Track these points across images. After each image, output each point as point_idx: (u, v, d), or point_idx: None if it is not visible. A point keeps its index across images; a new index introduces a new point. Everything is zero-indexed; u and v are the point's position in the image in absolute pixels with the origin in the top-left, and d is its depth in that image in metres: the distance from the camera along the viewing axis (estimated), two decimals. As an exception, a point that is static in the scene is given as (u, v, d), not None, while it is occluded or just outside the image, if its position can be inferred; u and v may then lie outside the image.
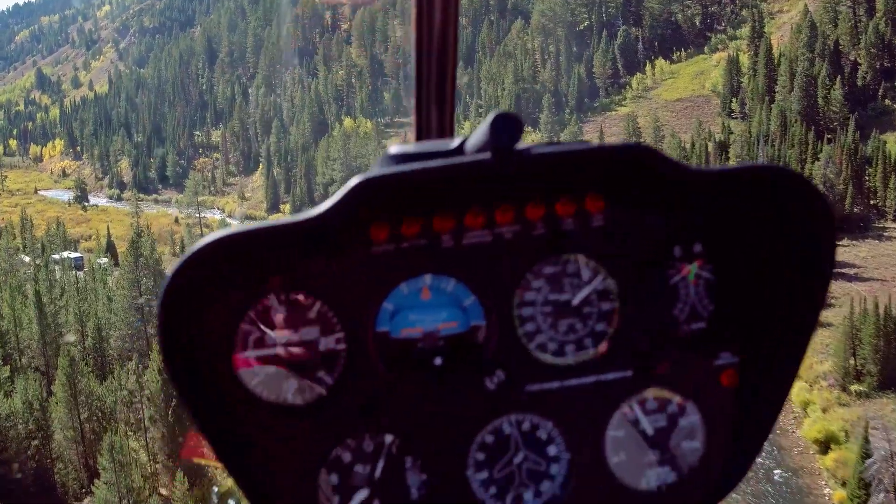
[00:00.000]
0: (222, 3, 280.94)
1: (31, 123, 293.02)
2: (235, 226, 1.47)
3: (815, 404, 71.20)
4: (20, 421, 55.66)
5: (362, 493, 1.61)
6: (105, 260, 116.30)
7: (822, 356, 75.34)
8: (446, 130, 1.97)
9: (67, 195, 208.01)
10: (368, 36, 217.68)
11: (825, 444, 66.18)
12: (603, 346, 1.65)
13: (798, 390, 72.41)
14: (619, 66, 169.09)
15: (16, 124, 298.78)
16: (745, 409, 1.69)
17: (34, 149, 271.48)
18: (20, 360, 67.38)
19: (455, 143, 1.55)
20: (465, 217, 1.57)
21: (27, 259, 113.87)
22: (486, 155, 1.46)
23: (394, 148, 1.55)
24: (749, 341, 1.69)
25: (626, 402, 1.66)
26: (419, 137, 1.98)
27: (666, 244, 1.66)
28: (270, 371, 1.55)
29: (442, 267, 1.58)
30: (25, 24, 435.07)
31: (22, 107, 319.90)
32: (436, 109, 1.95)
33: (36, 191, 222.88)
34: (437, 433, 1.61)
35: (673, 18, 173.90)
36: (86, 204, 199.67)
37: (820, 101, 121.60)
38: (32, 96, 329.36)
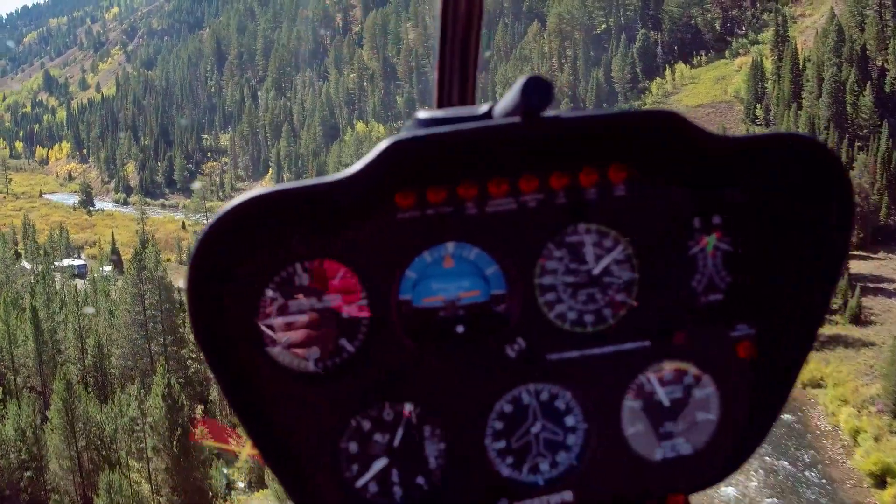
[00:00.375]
0: (231, 5, 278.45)
1: (37, 125, 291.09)
2: (267, 186, 1.48)
3: (865, 432, 66.30)
4: (12, 449, 51.43)
5: (381, 462, 1.62)
6: (109, 268, 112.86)
7: (867, 378, 70.91)
8: (467, 102, 1.96)
9: (73, 199, 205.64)
10: (381, 38, 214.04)
11: (881, 478, 61.38)
12: (621, 316, 1.67)
13: (846, 416, 67.96)
14: (638, 70, 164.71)
15: (22, 126, 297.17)
16: (761, 381, 1.72)
17: (40, 151, 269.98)
18: (14, 380, 63.24)
19: (484, 108, 1.55)
20: (489, 185, 1.58)
21: (28, 266, 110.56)
22: (516, 119, 1.48)
23: (422, 113, 1.55)
24: (766, 313, 1.71)
25: (643, 373, 1.69)
26: (440, 107, 1.96)
27: (685, 216, 1.68)
28: (293, 338, 1.56)
29: (465, 234, 1.60)
30: (34, 25, 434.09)
31: (29, 108, 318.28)
32: (458, 81, 1.93)
33: (41, 194, 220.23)
34: (456, 401, 1.63)
35: (692, 22, 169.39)
36: (91, 208, 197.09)
37: (849, 107, 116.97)
38: (39, 98, 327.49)
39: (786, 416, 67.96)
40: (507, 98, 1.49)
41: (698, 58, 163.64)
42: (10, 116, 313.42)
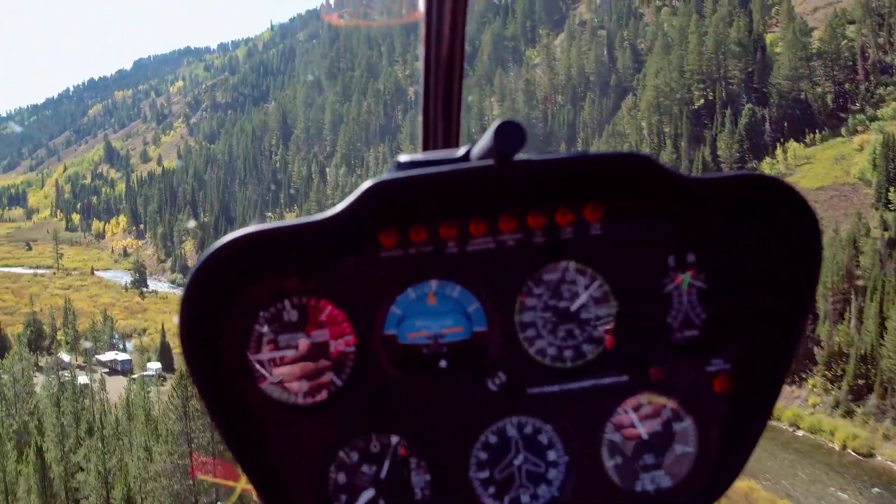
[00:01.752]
0: (298, 78, 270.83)
1: (95, 198, 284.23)
2: (253, 225, 1.54)
3: None
4: None
5: (368, 493, 1.66)
6: (156, 366, 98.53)
7: None
8: (452, 144, 2.04)
9: (125, 278, 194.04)
10: (464, 114, 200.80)
11: None
12: (599, 351, 1.73)
13: None
14: (745, 148, 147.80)
15: (80, 198, 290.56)
16: (737, 414, 1.76)
17: (97, 224, 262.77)
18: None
19: (461, 151, 1.65)
20: (469, 224, 1.65)
21: (67, 358, 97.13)
22: (490, 161, 1.54)
23: (403, 156, 1.63)
24: (740, 348, 1.76)
25: (622, 407, 1.73)
26: (426, 150, 2.05)
27: (660, 254, 1.74)
28: (282, 372, 1.61)
29: (447, 273, 1.66)
30: (99, 98, 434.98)
31: (88, 180, 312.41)
32: (442, 124, 2.01)
33: (93, 271, 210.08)
34: (441, 433, 1.68)
35: (802, 97, 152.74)
36: (144, 290, 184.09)
37: None
38: (100, 170, 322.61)
39: None
40: (483, 141, 1.55)
41: (811, 135, 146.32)
42: (70, 188, 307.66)
